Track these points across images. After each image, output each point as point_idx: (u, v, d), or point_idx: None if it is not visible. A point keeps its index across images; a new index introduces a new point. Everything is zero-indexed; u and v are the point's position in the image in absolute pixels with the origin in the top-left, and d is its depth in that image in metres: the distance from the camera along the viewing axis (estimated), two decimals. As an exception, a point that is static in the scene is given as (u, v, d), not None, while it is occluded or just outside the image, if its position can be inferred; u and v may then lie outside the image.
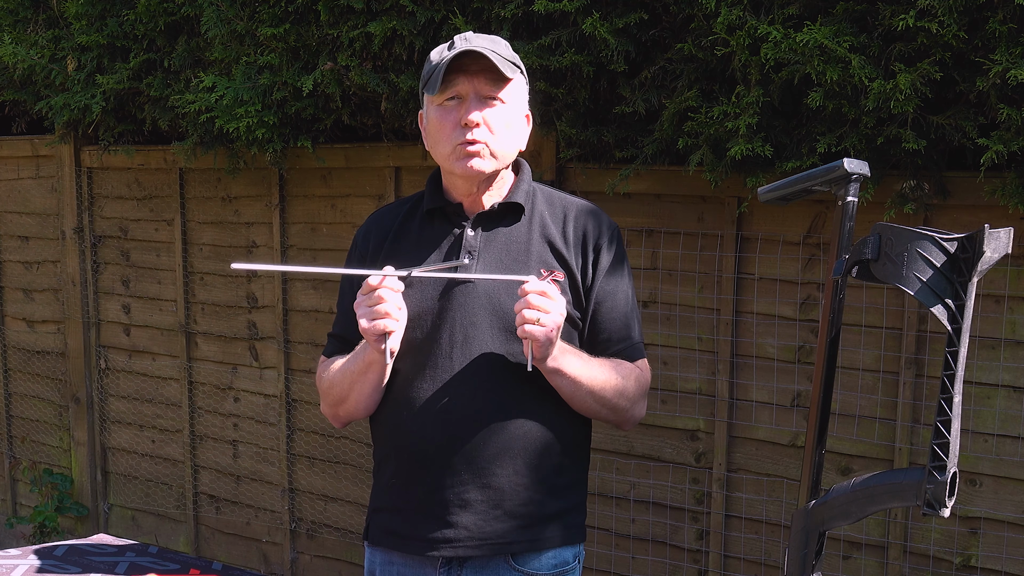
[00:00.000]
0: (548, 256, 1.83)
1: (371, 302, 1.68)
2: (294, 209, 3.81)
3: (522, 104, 1.85)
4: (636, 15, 2.69)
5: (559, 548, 1.87)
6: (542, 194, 1.90)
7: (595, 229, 1.86)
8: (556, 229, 1.85)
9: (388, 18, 3.00)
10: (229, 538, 4.24)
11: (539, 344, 1.67)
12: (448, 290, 1.81)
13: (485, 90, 1.76)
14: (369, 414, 1.91)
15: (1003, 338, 2.64)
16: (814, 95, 2.45)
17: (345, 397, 1.86)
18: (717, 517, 3.09)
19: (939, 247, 1.32)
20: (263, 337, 3.97)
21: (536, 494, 1.83)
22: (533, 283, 1.67)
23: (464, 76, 1.75)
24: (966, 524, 2.74)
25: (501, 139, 1.79)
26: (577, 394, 1.79)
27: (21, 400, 4.83)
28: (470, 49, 1.74)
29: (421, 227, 1.88)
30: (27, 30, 3.95)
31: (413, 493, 1.84)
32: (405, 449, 1.84)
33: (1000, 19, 2.25)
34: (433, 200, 1.87)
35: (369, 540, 1.95)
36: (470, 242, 1.83)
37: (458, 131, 1.77)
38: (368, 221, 1.97)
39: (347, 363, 1.85)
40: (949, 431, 1.32)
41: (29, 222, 4.61)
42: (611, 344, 1.86)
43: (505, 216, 1.85)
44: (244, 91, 3.29)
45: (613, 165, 3.04)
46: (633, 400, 1.86)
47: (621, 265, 1.88)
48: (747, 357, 2.99)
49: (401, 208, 1.94)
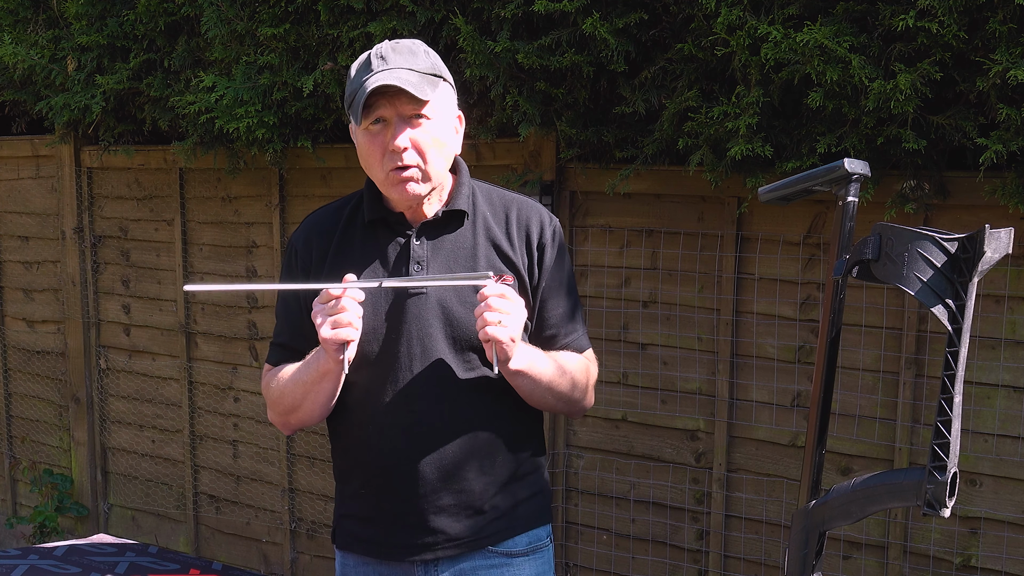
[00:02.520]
0: (495, 259, 1.84)
1: (333, 311, 1.67)
2: (294, 209, 3.81)
3: (450, 110, 1.82)
4: (636, 15, 2.69)
5: (532, 529, 1.93)
6: (481, 193, 1.89)
7: (537, 226, 1.87)
8: (500, 230, 1.86)
9: (388, 18, 3.00)
10: (229, 538, 4.24)
11: (503, 346, 1.67)
12: (401, 302, 1.80)
13: (408, 110, 1.73)
14: (321, 421, 1.90)
15: (1003, 338, 2.64)
16: (814, 95, 2.45)
17: (298, 406, 1.84)
18: (717, 517, 3.08)
19: (939, 247, 1.32)
20: (263, 337, 3.96)
21: (504, 487, 1.88)
22: (491, 286, 1.68)
23: (385, 99, 1.72)
24: (966, 524, 2.74)
25: (432, 158, 1.76)
26: (536, 391, 1.81)
27: (21, 400, 4.83)
28: (381, 85, 1.69)
29: (365, 237, 1.86)
30: (27, 30, 3.95)
31: (385, 504, 1.86)
32: (372, 463, 1.85)
33: (1000, 19, 2.25)
34: (374, 210, 1.85)
35: (339, 544, 1.96)
36: (417, 252, 1.82)
37: (388, 156, 1.75)
38: (305, 227, 1.92)
39: (298, 373, 1.83)
40: (949, 431, 1.32)
41: (29, 222, 4.61)
42: (559, 338, 1.89)
43: (449, 223, 1.85)
44: (244, 91, 3.29)
45: (613, 165, 3.04)
46: (585, 391, 1.91)
47: (563, 259, 1.90)
48: (747, 357, 2.99)
49: (340, 214, 1.90)
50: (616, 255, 3.12)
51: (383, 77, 1.70)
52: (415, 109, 1.73)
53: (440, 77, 1.79)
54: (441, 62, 1.82)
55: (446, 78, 1.81)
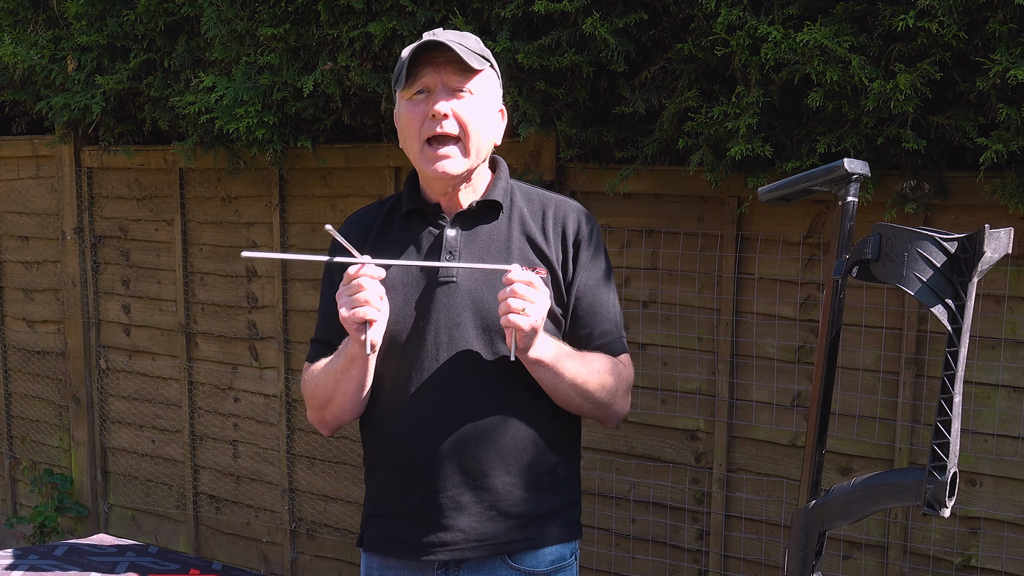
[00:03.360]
0: (529, 252, 1.82)
1: (351, 291, 1.67)
2: (294, 209, 3.81)
3: (494, 98, 1.82)
4: (636, 15, 2.69)
5: (556, 545, 1.87)
6: (520, 191, 1.89)
7: (575, 224, 1.85)
8: (536, 225, 1.84)
9: (388, 18, 3.00)
10: (229, 538, 4.24)
11: (523, 334, 1.65)
12: (431, 292, 1.79)
13: (453, 82, 1.73)
14: (356, 417, 1.88)
15: (1003, 338, 2.64)
16: (814, 95, 2.45)
17: (330, 398, 1.83)
18: (717, 517, 3.09)
19: (939, 247, 1.32)
20: (263, 337, 3.97)
21: (530, 493, 1.83)
22: (517, 272, 1.65)
23: (431, 67, 1.73)
24: (966, 524, 2.74)
25: (472, 133, 1.76)
26: (560, 387, 1.77)
27: (21, 400, 4.83)
28: (434, 40, 1.71)
29: (401, 228, 1.87)
30: (27, 30, 3.95)
31: (406, 498, 1.83)
32: (396, 455, 1.83)
33: (1000, 19, 2.25)
34: (411, 201, 1.86)
35: (364, 547, 1.93)
36: (450, 242, 1.81)
37: (427, 123, 1.74)
38: (346, 223, 1.94)
39: (330, 362, 1.83)
40: (949, 431, 1.32)
41: (29, 222, 4.61)
42: (592, 339, 1.85)
43: (484, 214, 1.84)
44: (244, 91, 3.29)
45: (613, 165, 3.04)
46: (616, 395, 1.84)
47: (601, 260, 1.87)
48: (747, 357, 2.99)
49: (380, 210, 1.92)
50: (616, 255, 3.12)
51: (434, 41, 1.71)
52: (459, 82, 1.74)
53: (488, 61, 1.79)
54: (490, 53, 1.82)
55: (494, 66, 1.82)
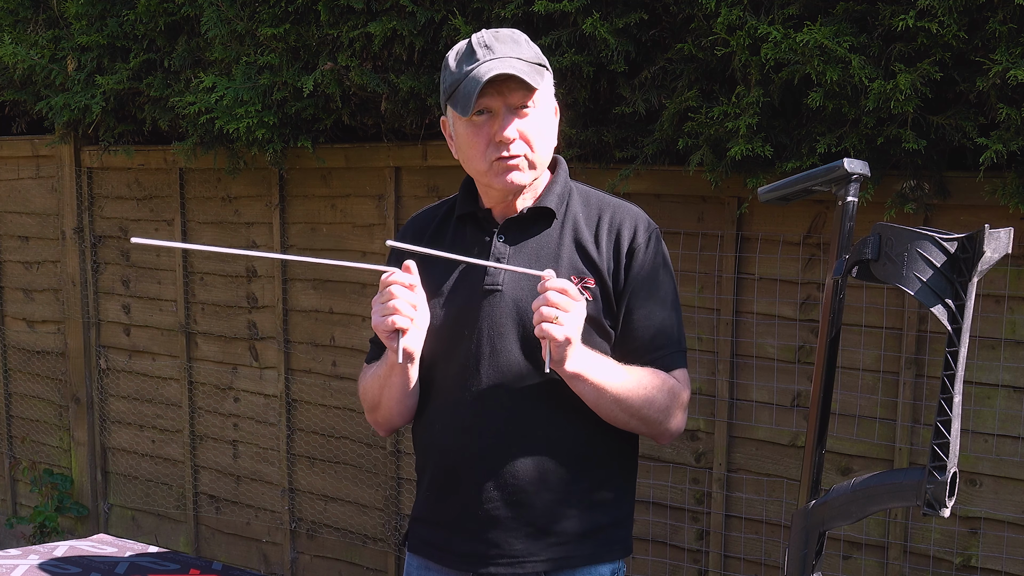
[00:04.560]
0: (578, 261, 1.76)
1: (383, 298, 1.63)
2: (294, 209, 3.81)
3: (552, 100, 1.78)
4: (636, 15, 2.69)
5: (594, 565, 1.81)
6: (579, 194, 1.83)
7: (630, 231, 1.77)
8: (589, 232, 1.78)
9: (388, 18, 3.00)
10: (229, 538, 4.24)
11: (557, 344, 1.58)
12: (477, 301, 1.75)
13: (516, 102, 1.69)
14: (407, 421, 1.86)
15: (1003, 338, 2.64)
16: (814, 95, 2.45)
17: (377, 403, 1.82)
18: (717, 517, 3.08)
19: (939, 247, 1.32)
20: (263, 337, 3.97)
21: (570, 510, 1.77)
22: (553, 280, 1.59)
23: (492, 89, 1.67)
24: (966, 524, 2.74)
25: (538, 147, 1.73)
26: (601, 402, 1.70)
27: (21, 400, 4.83)
28: (499, 74, 1.65)
29: (455, 233, 1.83)
30: (27, 30, 3.95)
31: (446, 507, 1.81)
32: (438, 463, 1.82)
33: (1000, 19, 2.25)
34: (465, 206, 1.83)
35: (409, 547, 1.92)
36: (498, 250, 1.77)
37: (492, 147, 1.70)
38: (405, 225, 1.93)
39: (376, 367, 1.81)
40: (949, 431, 1.32)
41: (29, 222, 4.61)
42: (643, 353, 1.76)
43: (536, 221, 1.79)
44: (244, 91, 3.29)
45: (613, 165, 3.04)
46: (665, 412, 1.75)
47: (658, 269, 1.78)
48: (747, 357, 2.99)
49: (437, 212, 1.89)
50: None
51: (496, 66, 1.65)
52: (524, 99, 1.69)
53: (544, 66, 1.75)
54: (540, 50, 1.77)
55: (547, 66, 1.77)
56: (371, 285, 3.66)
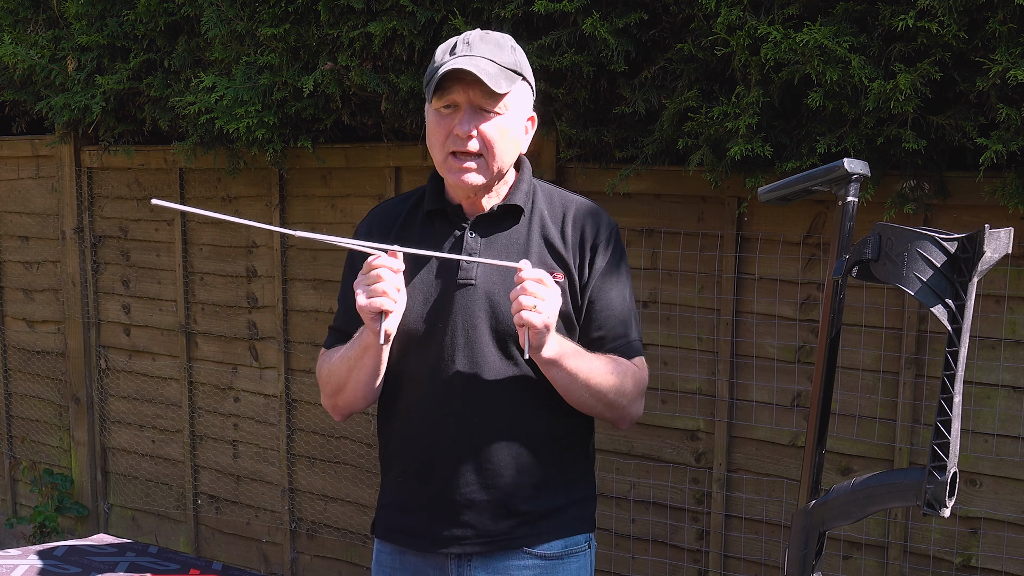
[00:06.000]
0: (547, 256, 1.83)
1: (369, 280, 1.69)
2: (294, 209, 3.81)
3: (522, 111, 1.82)
4: (636, 15, 2.69)
5: (571, 536, 1.91)
6: (543, 192, 1.90)
7: (592, 228, 1.86)
8: (555, 229, 1.85)
9: (388, 18, 3.00)
10: (229, 538, 4.24)
11: (536, 331, 1.65)
12: (450, 293, 1.82)
13: (479, 101, 1.74)
14: (368, 405, 1.91)
15: (1003, 338, 2.64)
16: (814, 95, 2.45)
17: (343, 385, 1.86)
18: (717, 517, 3.09)
19: (939, 247, 1.32)
20: (263, 337, 3.97)
21: (541, 491, 1.86)
22: (528, 270, 1.66)
23: (460, 85, 1.73)
24: (966, 524, 2.74)
25: (497, 152, 1.78)
26: (573, 388, 1.78)
27: (21, 400, 4.83)
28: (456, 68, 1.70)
29: (423, 227, 1.89)
30: (27, 30, 3.95)
31: (420, 493, 1.87)
32: (410, 451, 1.88)
33: (1000, 19, 2.25)
34: (433, 201, 1.88)
35: (377, 534, 1.97)
36: (470, 244, 1.84)
37: (451, 139, 1.76)
38: (370, 217, 1.97)
39: (345, 350, 1.85)
40: (949, 431, 1.32)
41: (29, 222, 4.61)
42: (606, 342, 1.85)
43: (505, 217, 1.86)
44: (244, 91, 3.29)
45: (613, 165, 3.04)
46: (630, 398, 1.86)
47: (618, 264, 1.88)
48: (747, 357, 2.99)
49: (403, 205, 1.94)
50: (616, 255, 3.12)
51: (463, 62, 1.71)
52: (488, 102, 1.74)
53: (519, 75, 1.79)
54: (526, 62, 1.83)
55: (526, 77, 1.81)
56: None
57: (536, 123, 1.89)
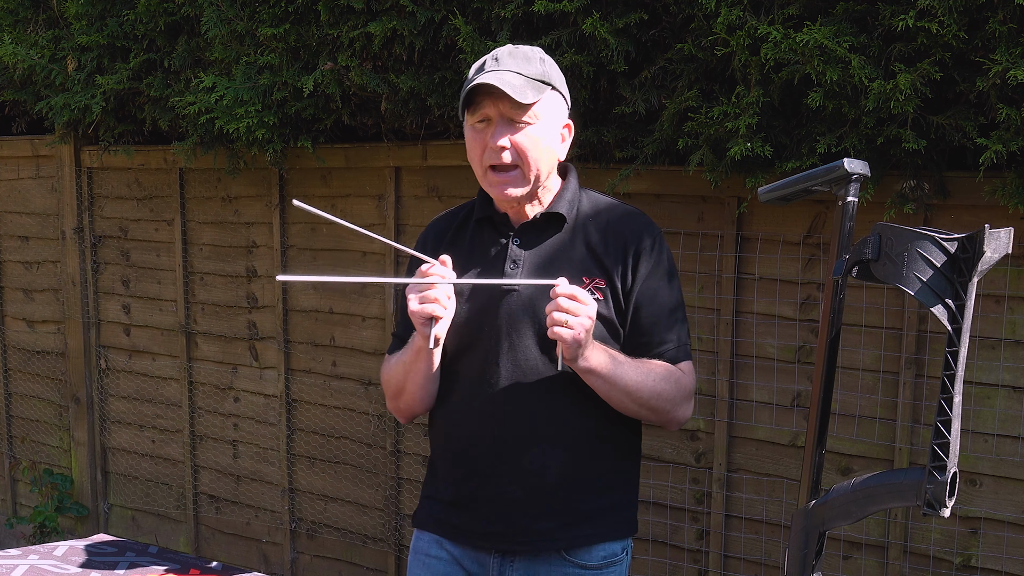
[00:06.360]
0: (589, 263, 1.88)
1: (421, 288, 1.78)
2: (294, 209, 3.81)
3: (556, 120, 1.88)
4: (636, 15, 2.69)
5: (607, 543, 1.94)
6: (588, 199, 1.96)
7: (635, 234, 1.90)
8: (598, 236, 1.90)
9: (388, 18, 3.00)
10: (229, 538, 4.24)
11: (567, 345, 1.72)
12: (496, 298, 1.89)
13: (509, 113, 1.81)
14: (427, 407, 1.99)
15: (1003, 338, 2.64)
16: (814, 95, 2.45)
17: (402, 388, 1.95)
18: (717, 517, 3.09)
19: (939, 247, 1.32)
20: (263, 337, 3.97)
21: (583, 493, 1.90)
22: (563, 286, 1.73)
23: (489, 100, 1.80)
24: (966, 524, 2.74)
25: (532, 161, 1.84)
26: (612, 393, 1.83)
27: (21, 400, 4.83)
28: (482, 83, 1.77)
29: (472, 236, 1.97)
30: (27, 30, 3.95)
31: (464, 489, 1.93)
32: (457, 450, 1.95)
33: (1000, 19, 2.25)
34: (482, 210, 1.96)
35: (418, 523, 2.03)
36: (514, 252, 1.91)
37: (487, 153, 1.83)
38: (427, 228, 2.07)
39: (400, 354, 1.95)
40: (949, 431, 1.32)
41: (29, 222, 4.61)
42: (651, 347, 1.89)
43: (548, 225, 1.92)
44: (244, 91, 3.29)
45: (613, 165, 3.04)
46: (674, 403, 1.89)
47: (662, 269, 1.91)
48: (747, 357, 2.99)
49: (458, 214, 2.03)
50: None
51: (489, 77, 1.78)
52: (517, 112, 1.80)
53: (548, 84, 1.85)
54: (557, 72, 1.90)
55: (556, 86, 1.88)
56: (370, 285, 3.67)
57: (573, 130, 1.93)
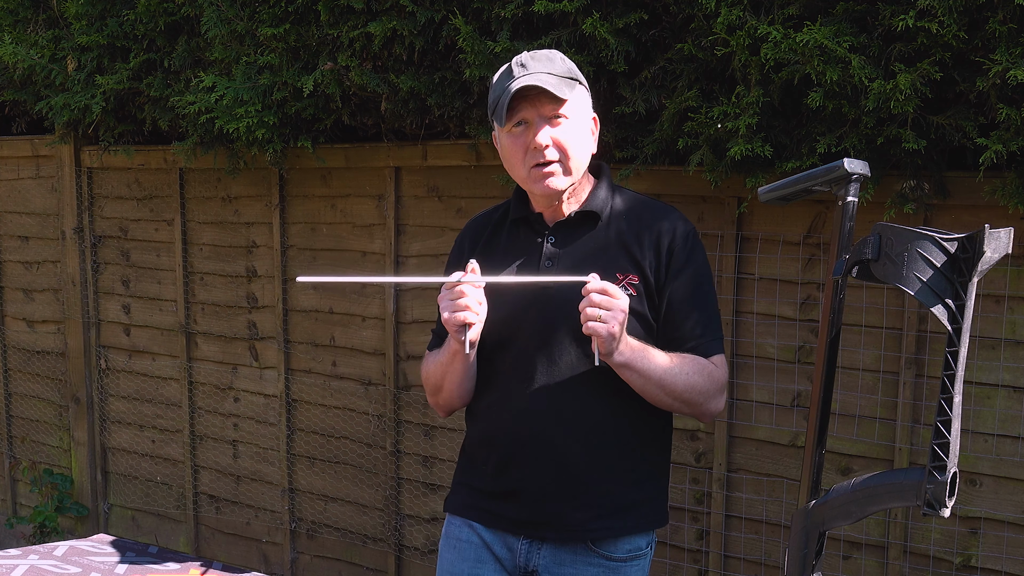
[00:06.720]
0: (623, 260, 1.93)
1: (452, 296, 1.82)
2: (294, 209, 3.81)
3: (586, 112, 1.94)
4: (636, 15, 2.69)
5: (633, 536, 1.99)
6: (621, 197, 2.01)
7: (669, 231, 1.94)
8: (631, 232, 1.95)
9: (388, 18, 3.00)
10: (229, 538, 4.24)
11: (602, 340, 1.76)
12: (530, 295, 1.93)
13: (548, 111, 1.87)
14: (464, 403, 2.05)
15: (1003, 338, 2.64)
16: (814, 95, 2.45)
17: (440, 385, 2.02)
18: (717, 517, 3.09)
19: (939, 247, 1.33)
20: (263, 337, 3.97)
21: (615, 486, 1.96)
22: (595, 282, 1.76)
23: (526, 102, 1.86)
24: (966, 524, 2.74)
25: (573, 154, 1.90)
26: (647, 387, 1.87)
27: (21, 400, 4.83)
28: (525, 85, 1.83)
29: (509, 235, 2.03)
30: (27, 30, 3.95)
31: (498, 480, 1.99)
32: (493, 442, 2.00)
33: (1000, 19, 2.25)
34: (518, 210, 2.02)
35: (451, 508, 2.09)
36: (549, 249, 1.96)
37: (530, 154, 1.89)
38: (465, 228, 2.13)
39: (439, 355, 2.01)
40: (949, 431, 1.32)
41: (29, 222, 4.61)
42: (685, 341, 1.93)
43: (583, 223, 1.97)
44: (244, 91, 3.29)
45: (613, 165, 3.03)
46: (707, 395, 1.94)
47: (695, 265, 1.95)
48: (747, 357, 2.99)
49: (493, 215, 2.09)
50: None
51: (526, 80, 1.85)
52: (554, 109, 1.87)
53: (576, 80, 1.92)
54: (576, 68, 1.95)
55: (581, 81, 1.94)
56: (369, 285, 3.67)
57: (599, 123, 2.00)
